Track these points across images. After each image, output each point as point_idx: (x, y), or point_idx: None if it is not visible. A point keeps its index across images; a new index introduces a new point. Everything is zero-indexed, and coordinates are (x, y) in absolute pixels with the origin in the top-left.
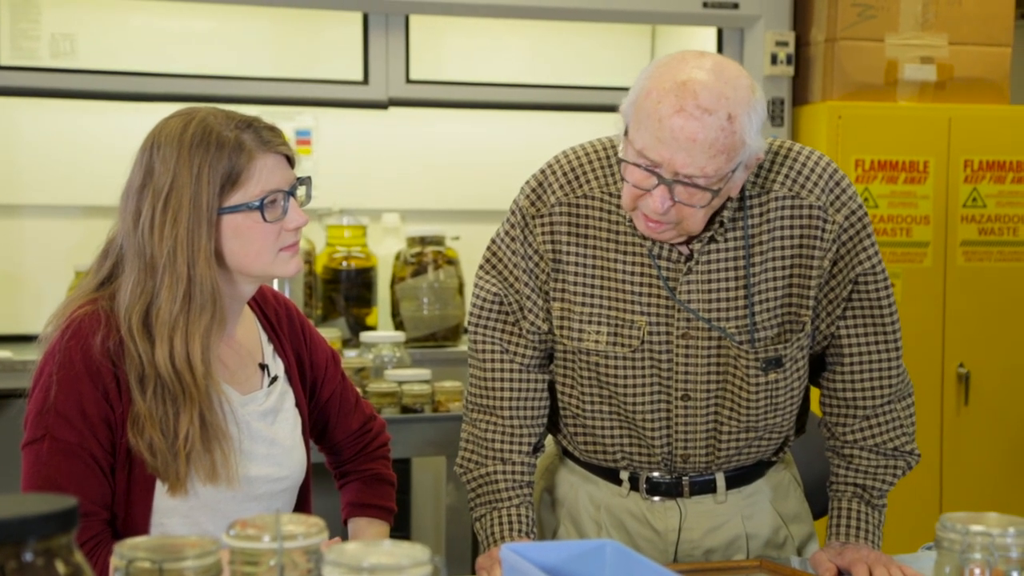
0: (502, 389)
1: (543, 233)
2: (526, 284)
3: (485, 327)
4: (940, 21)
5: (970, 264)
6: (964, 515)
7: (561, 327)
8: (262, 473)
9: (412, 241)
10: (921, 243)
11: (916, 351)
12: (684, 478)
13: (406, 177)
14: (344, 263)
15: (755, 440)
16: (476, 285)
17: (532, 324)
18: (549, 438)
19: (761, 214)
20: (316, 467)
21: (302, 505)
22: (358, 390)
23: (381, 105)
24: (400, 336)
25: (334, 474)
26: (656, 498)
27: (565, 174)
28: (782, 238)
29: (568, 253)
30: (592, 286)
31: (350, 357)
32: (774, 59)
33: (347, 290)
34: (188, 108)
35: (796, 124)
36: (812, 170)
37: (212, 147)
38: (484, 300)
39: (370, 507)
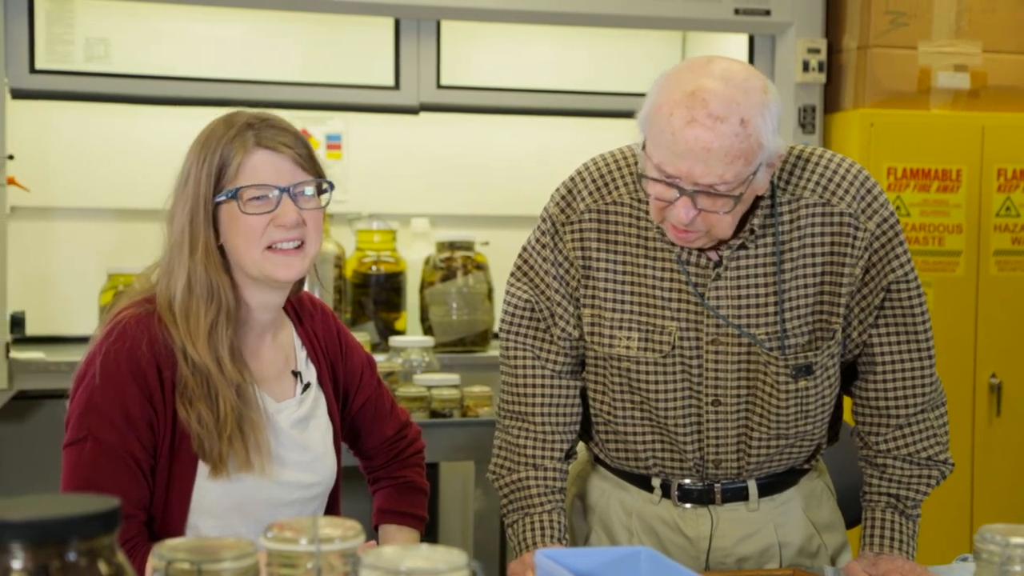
0: (534, 395)
1: (572, 240)
2: (556, 291)
3: (517, 334)
4: (974, 29)
5: (1003, 274)
6: (1003, 527)
7: (592, 333)
8: (294, 479)
9: (441, 246)
10: (953, 252)
11: (948, 361)
12: (716, 485)
13: (436, 182)
14: (373, 267)
15: (786, 448)
16: (508, 292)
17: (563, 331)
18: (581, 445)
19: (791, 221)
20: (346, 471)
21: (331, 511)
22: (394, 397)
23: (412, 110)
24: (429, 341)
25: (367, 479)
26: (688, 505)
27: (594, 180)
28: (812, 245)
29: (598, 259)
30: (622, 292)
31: (379, 362)
32: (806, 66)
33: (376, 294)
34: (229, 111)
35: (828, 132)
36: (843, 177)
37: (213, 142)
38: (515, 307)
39: (401, 514)
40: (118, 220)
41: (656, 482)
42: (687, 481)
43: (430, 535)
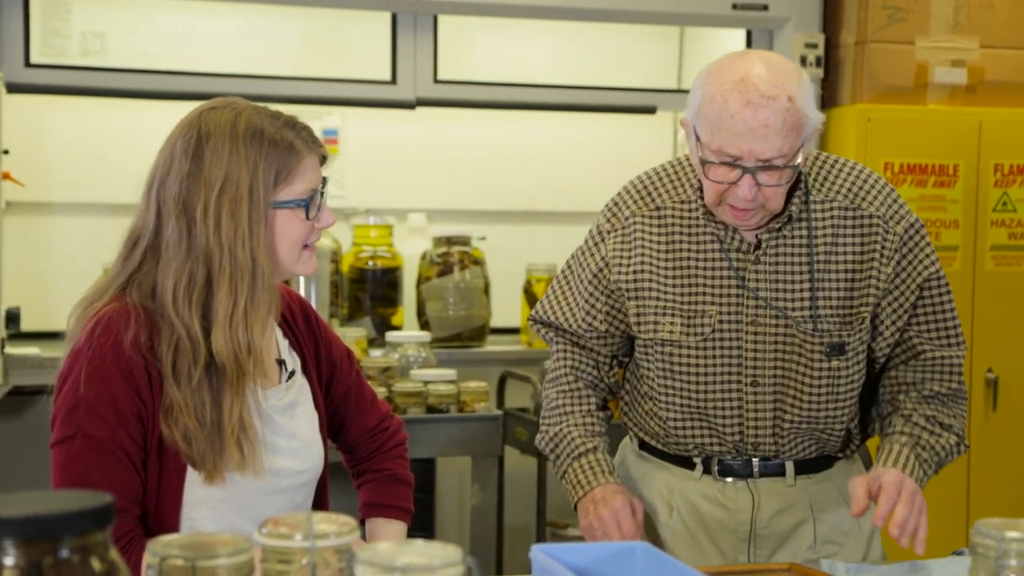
0: (562, 369)
1: (614, 243)
2: (591, 280)
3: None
4: (971, 24)
5: (999, 269)
6: (999, 521)
7: (638, 322)
8: (285, 466)
9: (438, 241)
10: (950, 247)
11: None
12: (754, 460)
13: (432, 177)
14: (370, 263)
15: (816, 431)
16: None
17: (589, 325)
18: (624, 440)
19: (823, 218)
20: (333, 466)
21: (320, 501)
22: (375, 390)
23: (409, 105)
24: (426, 336)
25: (351, 473)
26: (728, 479)
27: (638, 191)
28: (844, 243)
29: (643, 256)
30: (666, 282)
31: (375, 357)
32: (803, 61)
33: (373, 290)
34: (226, 100)
35: (825, 126)
36: (868, 182)
37: (266, 143)
38: (545, 324)
39: (387, 507)
40: (113, 215)
41: (697, 459)
42: (726, 457)
43: (427, 531)
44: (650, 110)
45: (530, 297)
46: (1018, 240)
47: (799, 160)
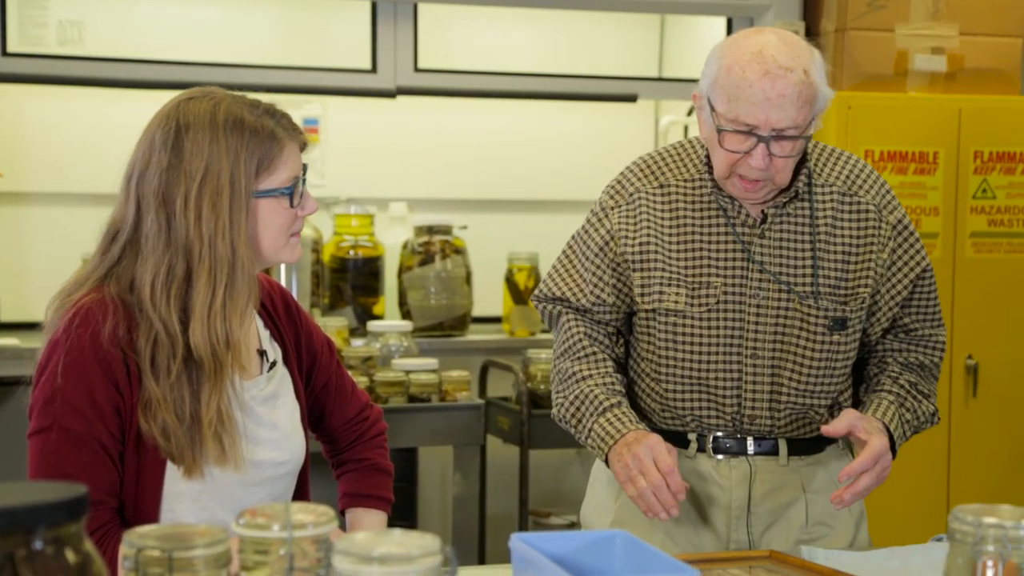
0: (575, 337)
1: (620, 218)
2: (596, 253)
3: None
4: (951, 11)
5: (979, 256)
6: (977, 507)
7: (643, 293)
8: (267, 457)
9: (419, 230)
10: (930, 234)
11: None
12: (749, 438)
13: (414, 166)
14: (351, 252)
15: (811, 406)
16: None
17: (597, 297)
18: None
19: (824, 200)
20: (313, 456)
21: (301, 491)
22: (356, 380)
23: (389, 94)
24: (407, 325)
25: (331, 463)
26: (721, 456)
27: (642, 170)
28: (843, 227)
29: (650, 229)
30: (672, 253)
31: (357, 346)
32: None
33: (354, 279)
34: (203, 90)
35: None
36: (864, 173)
37: (247, 132)
38: (551, 303)
39: (368, 497)
40: (93, 205)
41: (692, 436)
42: (720, 433)
43: (409, 520)
44: (631, 98)
45: (512, 286)
46: (997, 227)
47: (810, 132)
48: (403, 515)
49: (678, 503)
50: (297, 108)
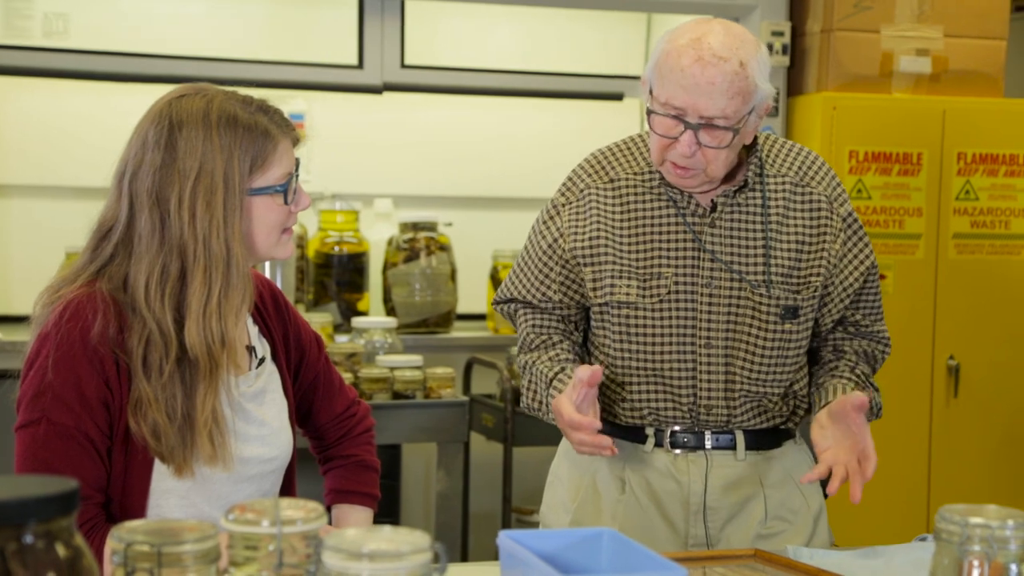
0: (526, 330)
1: (570, 215)
2: (545, 251)
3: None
4: (936, 13)
5: (962, 257)
6: (963, 507)
7: (595, 287)
8: (255, 453)
9: (404, 227)
10: (913, 235)
11: (907, 343)
12: (706, 432)
13: (399, 162)
14: (336, 248)
15: (765, 396)
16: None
17: (544, 295)
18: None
19: (776, 191)
20: (299, 452)
21: (287, 487)
22: (342, 376)
23: (375, 90)
24: (392, 322)
25: (318, 459)
26: (678, 451)
27: (592, 166)
28: (795, 217)
29: (599, 223)
30: (621, 245)
31: (341, 343)
32: (770, 49)
33: (339, 275)
34: (195, 86)
35: (791, 115)
36: (815, 165)
37: (241, 129)
38: (508, 299)
39: (354, 493)
40: (76, 198)
41: (650, 431)
42: (677, 428)
43: (392, 517)
44: (617, 97)
45: (496, 283)
46: (980, 228)
47: (742, 127)
48: (386, 512)
49: (610, 441)
50: (283, 103)
